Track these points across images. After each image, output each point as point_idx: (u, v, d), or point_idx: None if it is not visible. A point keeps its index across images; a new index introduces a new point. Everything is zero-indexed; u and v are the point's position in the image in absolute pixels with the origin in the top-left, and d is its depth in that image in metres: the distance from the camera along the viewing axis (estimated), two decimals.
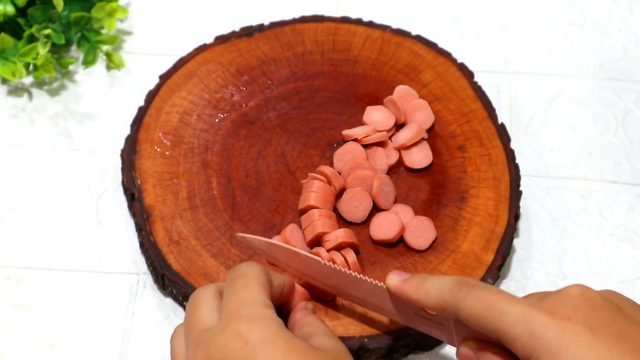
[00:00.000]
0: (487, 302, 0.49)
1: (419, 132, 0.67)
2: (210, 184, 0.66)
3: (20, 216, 0.68)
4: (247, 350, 0.48)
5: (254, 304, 0.50)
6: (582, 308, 0.48)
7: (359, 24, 0.75)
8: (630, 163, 0.72)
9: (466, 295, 0.50)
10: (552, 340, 0.46)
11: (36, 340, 0.62)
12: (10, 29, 0.75)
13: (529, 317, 0.47)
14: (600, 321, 0.47)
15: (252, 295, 0.50)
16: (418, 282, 0.53)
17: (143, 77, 0.76)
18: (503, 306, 0.48)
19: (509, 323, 0.48)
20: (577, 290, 0.49)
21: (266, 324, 0.49)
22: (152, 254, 0.63)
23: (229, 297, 0.51)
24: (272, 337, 0.48)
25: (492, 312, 0.48)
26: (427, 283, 0.52)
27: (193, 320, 0.51)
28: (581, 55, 0.79)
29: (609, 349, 0.46)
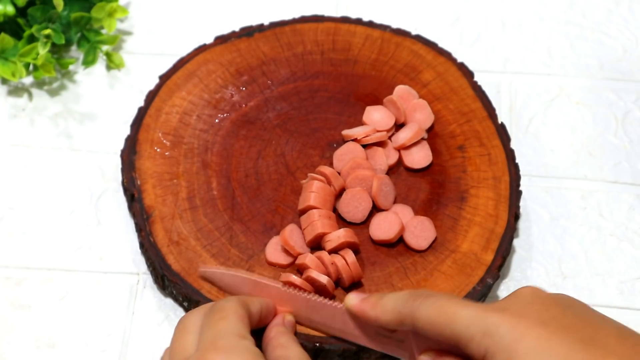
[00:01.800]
0: (440, 308, 0.50)
1: (419, 132, 0.67)
2: (210, 184, 0.66)
3: (20, 216, 0.68)
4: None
5: (229, 336, 0.50)
6: (533, 304, 0.49)
7: (359, 24, 0.75)
8: (630, 163, 0.72)
9: (420, 305, 0.51)
10: (505, 335, 0.47)
11: (36, 340, 0.62)
12: (10, 29, 0.75)
13: (482, 316, 0.48)
14: (551, 316, 0.48)
15: (228, 327, 0.51)
16: (375, 300, 0.54)
17: (143, 77, 0.76)
18: (456, 309, 0.49)
19: (463, 325, 0.48)
20: (528, 290, 0.50)
21: (241, 355, 0.49)
22: (152, 254, 0.63)
23: (207, 330, 0.51)
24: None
25: (446, 317, 0.49)
26: (383, 300, 0.53)
27: (176, 346, 0.52)
28: (581, 55, 0.79)
29: (560, 340, 0.47)
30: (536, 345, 0.47)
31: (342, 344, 0.58)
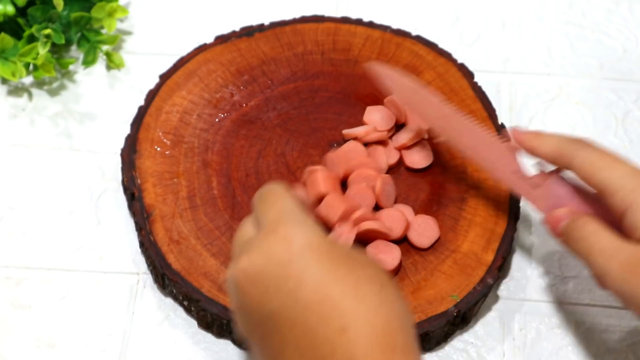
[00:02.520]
0: (599, 156, 0.55)
1: (420, 132, 0.68)
2: (210, 183, 0.66)
3: (20, 216, 0.68)
4: (292, 253, 0.48)
5: (294, 211, 0.50)
6: None
7: (359, 24, 0.75)
8: None
9: (582, 148, 0.56)
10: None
11: (36, 340, 0.62)
12: (10, 29, 0.75)
13: (636, 173, 0.54)
14: None
15: (290, 204, 0.51)
16: (538, 132, 0.59)
17: (143, 76, 0.76)
18: (613, 162, 0.55)
19: (615, 175, 0.54)
20: None
21: (309, 229, 0.49)
22: (152, 254, 0.63)
23: (267, 209, 0.51)
24: (316, 241, 0.48)
25: (602, 164, 0.55)
26: (546, 134, 0.59)
27: (238, 236, 0.52)
28: (581, 55, 0.79)
29: None
30: None
31: None
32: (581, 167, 0.56)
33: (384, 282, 0.48)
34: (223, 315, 0.60)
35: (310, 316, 0.47)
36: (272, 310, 0.48)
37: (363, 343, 0.46)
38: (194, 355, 0.62)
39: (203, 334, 0.63)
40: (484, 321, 0.64)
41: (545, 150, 0.58)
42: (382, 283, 0.48)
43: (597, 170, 0.55)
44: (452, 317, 0.61)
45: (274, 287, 0.48)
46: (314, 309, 0.47)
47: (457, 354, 0.63)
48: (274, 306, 0.48)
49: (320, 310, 0.47)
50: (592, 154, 0.56)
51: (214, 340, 0.63)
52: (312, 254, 0.48)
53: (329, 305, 0.47)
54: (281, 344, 0.48)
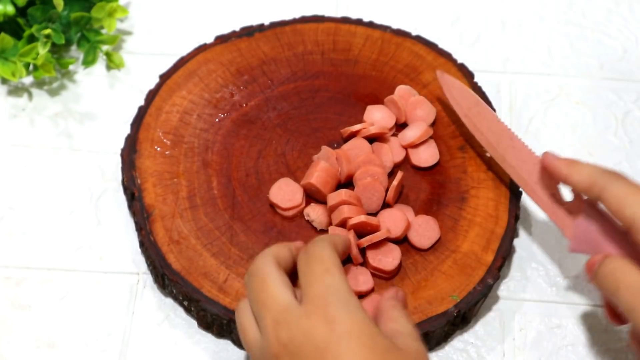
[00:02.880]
0: (631, 190, 0.54)
1: (428, 130, 0.68)
2: (210, 183, 0.66)
3: (20, 216, 0.68)
4: (332, 339, 0.48)
5: (340, 292, 0.50)
6: None
7: (359, 24, 0.75)
8: (630, 163, 0.72)
9: (614, 180, 0.55)
10: None
11: (36, 340, 0.62)
12: (10, 29, 0.75)
13: None
14: None
15: (337, 283, 0.50)
16: (572, 161, 0.58)
17: (143, 76, 0.76)
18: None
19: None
20: None
21: (354, 315, 0.49)
22: (152, 253, 0.63)
23: (313, 282, 0.51)
24: (357, 330, 0.48)
25: (633, 198, 0.54)
26: (580, 163, 0.58)
27: (266, 297, 0.51)
28: (581, 55, 0.79)
29: None
30: None
31: None
32: (611, 201, 0.55)
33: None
34: (223, 315, 0.60)
35: None
36: None
37: None
38: (194, 355, 0.62)
39: (203, 334, 0.63)
40: (484, 321, 0.64)
41: (577, 179, 0.57)
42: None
43: (626, 206, 0.54)
44: (452, 317, 0.61)
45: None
46: None
47: (457, 354, 0.63)
48: None
49: None
50: (622, 188, 0.55)
51: (214, 340, 0.63)
52: (349, 343, 0.48)
53: None
54: None
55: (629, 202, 0.54)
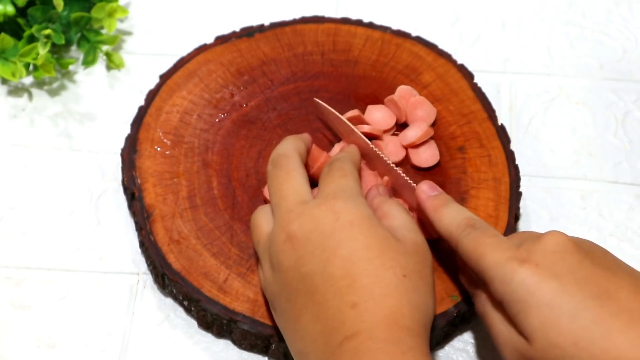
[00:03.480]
0: (476, 245, 0.53)
1: (428, 131, 0.68)
2: (210, 183, 0.66)
3: (20, 216, 0.68)
4: (336, 226, 0.53)
5: (350, 190, 0.55)
6: (551, 254, 0.51)
7: (359, 25, 0.75)
8: (630, 163, 0.72)
9: (466, 235, 0.54)
10: (519, 286, 0.50)
11: (36, 340, 0.62)
12: (10, 29, 0.75)
13: (502, 263, 0.51)
14: (567, 267, 0.50)
15: (350, 184, 0.56)
16: (438, 205, 0.57)
17: (143, 77, 0.76)
18: (485, 250, 0.52)
19: (486, 266, 0.52)
20: (550, 237, 0.52)
21: (358, 209, 0.54)
22: (152, 254, 0.63)
23: (330, 183, 0.56)
24: (359, 221, 0.53)
25: (478, 255, 0.53)
26: (444, 209, 0.57)
27: (288, 188, 0.56)
28: (581, 55, 0.79)
29: (572, 295, 0.49)
30: (548, 299, 0.49)
31: None
32: (463, 256, 0.54)
33: (412, 270, 0.52)
34: (223, 315, 0.60)
35: (330, 287, 0.51)
36: (303, 273, 0.52)
37: (369, 318, 0.50)
38: (194, 355, 0.62)
39: (203, 334, 0.63)
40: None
41: (440, 228, 0.57)
42: (410, 270, 0.52)
43: (474, 261, 0.53)
44: (452, 317, 0.61)
45: (311, 253, 0.52)
46: (335, 282, 0.51)
47: (457, 354, 0.63)
48: (306, 270, 0.52)
49: (340, 284, 0.51)
50: (470, 241, 0.54)
51: (214, 340, 0.63)
52: (351, 230, 0.52)
53: (348, 281, 0.51)
54: (302, 308, 0.52)
55: (474, 258, 0.53)
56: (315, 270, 0.52)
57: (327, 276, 0.51)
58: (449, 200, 0.58)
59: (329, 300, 0.51)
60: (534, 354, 0.50)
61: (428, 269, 0.54)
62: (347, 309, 0.50)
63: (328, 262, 0.52)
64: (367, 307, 0.50)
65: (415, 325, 0.50)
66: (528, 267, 0.50)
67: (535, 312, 0.49)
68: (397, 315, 0.50)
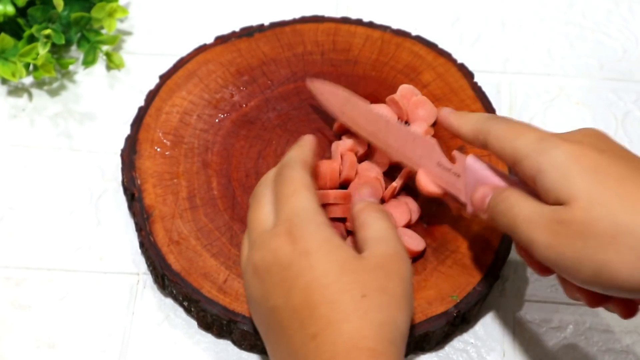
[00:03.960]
0: (512, 126, 0.54)
1: (428, 130, 0.68)
2: (210, 184, 0.66)
3: (20, 216, 0.68)
4: (294, 256, 0.50)
5: (305, 212, 0.52)
6: (591, 136, 0.53)
7: (359, 25, 0.75)
8: None
9: (495, 123, 0.55)
10: (561, 154, 0.51)
11: (36, 340, 0.62)
12: (10, 29, 0.75)
13: (543, 138, 0.52)
14: (607, 146, 0.52)
15: (304, 204, 0.53)
16: (462, 114, 0.59)
17: (143, 77, 0.76)
18: (522, 129, 0.54)
19: (523, 141, 0.53)
20: (587, 128, 0.54)
21: (316, 233, 0.51)
22: (152, 254, 0.63)
23: (283, 204, 0.53)
24: (317, 247, 0.50)
25: (512, 133, 0.54)
26: (468, 114, 0.59)
27: (253, 219, 0.54)
28: (581, 55, 0.79)
29: (615, 164, 0.50)
30: (592, 165, 0.50)
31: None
32: (494, 143, 0.55)
33: (374, 288, 0.50)
34: (223, 316, 0.60)
35: (294, 320, 0.49)
36: (270, 307, 0.51)
37: (329, 348, 0.48)
38: (194, 355, 0.62)
39: (203, 334, 0.63)
40: (483, 321, 0.64)
41: (465, 130, 0.58)
42: (371, 289, 0.50)
43: (507, 142, 0.54)
44: (452, 317, 0.61)
45: (274, 287, 0.51)
46: (297, 315, 0.49)
47: (457, 354, 0.63)
48: (272, 304, 0.51)
49: (302, 316, 0.49)
50: (502, 127, 0.55)
51: (214, 341, 0.63)
52: (308, 259, 0.50)
53: (308, 312, 0.49)
54: (275, 344, 0.51)
55: (508, 138, 0.54)
56: (279, 304, 0.50)
57: (290, 309, 0.50)
58: (469, 112, 0.60)
59: (294, 334, 0.49)
60: (573, 215, 0.49)
61: (397, 281, 0.51)
62: (309, 342, 0.48)
63: (289, 294, 0.50)
64: (326, 336, 0.48)
65: (379, 345, 0.48)
66: (571, 142, 0.51)
67: (579, 175, 0.49)
68: (356, 339, 0.48)
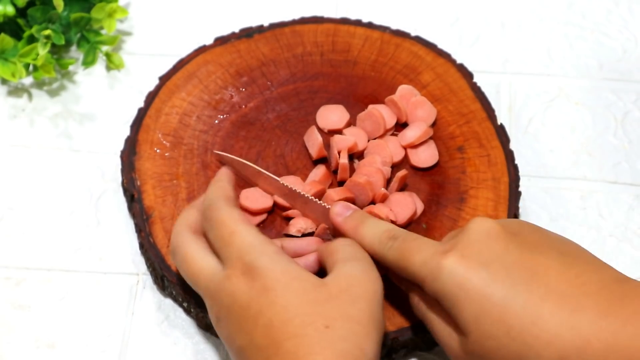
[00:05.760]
0: (402, 251, 0.53)
1: (428, 131, 0.68)
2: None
3: (20, 216, 0.68)
4: (251, 295, 0.50)
5: (251, 248, 0.52)
6: (476, 242, 0.50)
7: (358, 25, 0.75)
8: (630, 163, 0.73)
9: (390, 247, 0.53)
10: (448, 279, 0.49)
11: (36, 341, 0.62)
12: (10, 29, 0.75)
13: (430, 260, 0.50)
14: (493, 254, 0.50)
15: (246, 241, 0.52)
16: (356, 224, 0.56)
17: (143, 78, 0.76)
18: (411, 254, 0.52)
19: (415, 268, 0.51)
20: (474, 226, 0.52)
21: (269, 268, 0.51)
22: (152, 255, 0.63)
23: (225, 248, 0.52)
24: (272, 282, 0.50)
25: (405, 260, 0.52)
26: (363, 227, 0.56)
27: (193, 272, 0.54)
28: (581, 55, 0.79)
29: (501, 283, 0.48)
30: (477, 290, 0.48)
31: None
32: (393, 268, 0.54)
33: (337, 317, 0.49)
34: None
35: (261, 358, 0.49)
36: (237, 348, 0.51)
37: None
38: (193, 355, 0.62)
39: (202, 335, 0.63)
40: None
41: (365, 248, 0.55)
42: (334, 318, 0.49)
43: (403, 268, 0.52)
44: None
45: (238, 328, 0.51)
46: (263, 353, 0.49)
47: None
48: (238, 345, 0.51)
49: (268, 354, 0.49)
50: (396, 251, 0.53)
51: (213, 341, 0.63)
52: (266, 295, 0.50)
53: (274, 349, 0.49)
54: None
55: (404, 264, 0.52)
56: (245, 344, 0.50)
57: (255, 348, 0.49)
58: (365, 216, 0.57)
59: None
60: (472, 348, 0.49)
61: (362, 304, 0.50)
62: None
63: (253, 334, 0.50)
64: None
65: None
66: (453, 258, 0.49)
67: (467, 304, 0.49)
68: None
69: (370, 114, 0.68)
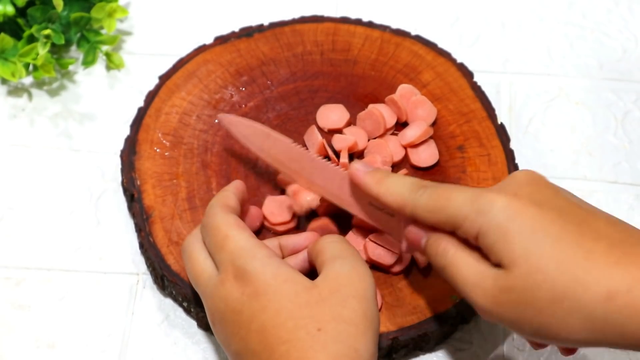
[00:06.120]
0: (439, 194, 0.51)
1: (428, 130, 0.68)
2: (209, 184, 0.66)
3: (20, 216, 0.68)
4: (244, 300, 0.51)
5: (243, 253, 0.52)
6: (527, 186, 0.50)
7: (359, 24, 0.75)
8: (630, 163, 0.72)
9: (421, 195, 0.52)
10: (498, 213, 0.49)
11: (36, 340, 0.62)
12: (10, 29, 0.75)
13: (477, 196, 0.50)
14: (544, 197, 0.50)
15: (239, 245, 0.53)
16: (380, 177, 0.55)
17: (143, 77, 0.76)
18: (452, 193, 0.51)
19: (458, 205, 0.50)
20: (522, 173, 0.52)
21: (260, 272, 0.51)
22: (152, 255, 0.63)
23: (219, 253, 0.53)
24: (264, 287, 0.51)
25: (443, 201, 0.51)
26: (388, 180, 0.54)
27: (194, 273, 0.55)
28: (581, 55, 0.79)
29: (553, 221, 0.48)
30: (529, 224, 0.48)
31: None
32: (426, 215, 0.52)
33: (329, 319, 0.49)
34: None
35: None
36: (233, 352, 0.51)
37: None
38: (193, 355, 0.62)
39: (203, 334, 0.63)
40: (483, 321, 0.64)
41: (388, 201, 0.54)
42: (326, 320, 0.49)
43: (440, 210, 0.51)
44: (452, 317, 0.61)
45: (232, 333, 0.51)
46: (257, 357, 0.50)
47: (457, 354, 0.63)
48: (234, 349, 0.51)
49: (262, 358, 0.49)
50: (430, 196, 0.52)
51: (213, 341, 0.63)
52: (258, 300, 0.50)
53: (268, 354, 0.49)
54: None
55: (439, 207, 0.51)
56: (240, 349, 0.51)
57: (250, 353, 0.50)
58: (388, 172, 0.56)
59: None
60: (513, 283, 0.48)
61: (353, 304, 0.50)
62: None
63: (247, 339, 0.50)
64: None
65: None
66: (506, 196, 0.49)
67: (517, 237, 0.48)
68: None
69: (370, 114, 0.68)
